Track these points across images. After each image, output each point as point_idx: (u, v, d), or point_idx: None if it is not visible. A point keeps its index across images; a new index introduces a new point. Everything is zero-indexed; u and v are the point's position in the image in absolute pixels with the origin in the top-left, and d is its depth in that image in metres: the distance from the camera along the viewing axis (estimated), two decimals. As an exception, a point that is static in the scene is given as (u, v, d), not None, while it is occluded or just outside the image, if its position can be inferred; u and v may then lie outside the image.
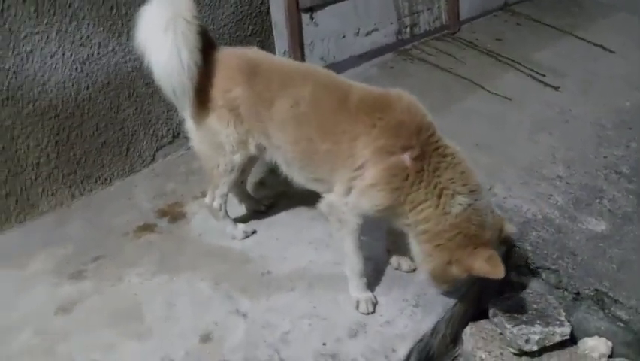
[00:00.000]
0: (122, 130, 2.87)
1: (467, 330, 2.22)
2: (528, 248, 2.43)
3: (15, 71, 2.41)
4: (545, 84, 3.90)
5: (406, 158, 1.88)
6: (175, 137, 3.07)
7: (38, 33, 2.43)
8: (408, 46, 4.31)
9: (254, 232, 2.48)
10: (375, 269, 2.25)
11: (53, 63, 2.51)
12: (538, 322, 2.13)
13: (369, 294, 2.10)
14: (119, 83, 2.77)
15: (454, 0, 4.70)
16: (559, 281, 2.32)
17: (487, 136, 3.21)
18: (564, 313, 2.19)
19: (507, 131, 3.31)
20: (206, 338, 1.96)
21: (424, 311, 2.08)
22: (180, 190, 2.81)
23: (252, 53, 2.25)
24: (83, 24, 2.56)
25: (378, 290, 2.16)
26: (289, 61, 2.25)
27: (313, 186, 2.18)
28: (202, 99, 2.13)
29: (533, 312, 2.19)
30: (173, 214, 2.65)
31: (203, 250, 2.40)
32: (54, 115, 2.59)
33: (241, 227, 2.46)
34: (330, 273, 2.23)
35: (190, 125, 2.25)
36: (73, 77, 2.60)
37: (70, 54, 2.55)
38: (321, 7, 3.55)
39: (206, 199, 2.37)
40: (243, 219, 2.56)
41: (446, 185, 1.88)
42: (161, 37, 1.96)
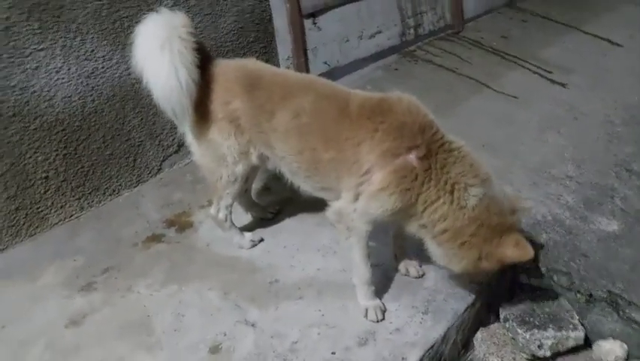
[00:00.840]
0: (128, 141, 2.88)
1: (478, 335, 2.20)
2: (539, 250, 2.40)
3: (22, 88, 2.44)
4: (553, 81, 3.87)
5: (412, 158, 1.87)
6: (180, 146, 3.08)
7: (43, 50, 2.45)
8: (412, 47, 4.30)
9: (261, 240, 2.48)
10: (383, 276, 2.24)
11: (59, 78, 2.54)
12: (551, 326, 2.11)
13: (378, 301, 2.09)
14: (123, 95, 2.79)
15: (457, -1, 4.67)
16: (571, 283, 2.29)
17: (494, 136, 3.18)
18: (577, 317, 2.17)
19: (514, 131, 3.28)
20: (215, 350, 1.96)
21: (433, 318, 2.06)
22: (187, 199, 2.83)
23: (251, 64, 2.25)
24: (87, 38, 2.58)
25: (387, 297, 2.15)
26: (288, 72, 2.26)
27: (320, 194, 2.18)
28: (202, 113, 2.15)
29: (546, 316, 2.16)
30: (181, 224, 2.67)
31: (212, 259, 2.41)
32: (61, 129, 2.61)
33: (248, 236, 2.46)
34: (338, 280, 2.22)
35: (191, 139, 2.26)
36: (79, 90, 2.62)
37: (76, 69, 2.58)
38: (323, 12, 3.56)
39: (212, 211, 2.38)
40: (249, 228, 2.56)
41: (457, 179, 1.86)
42: (158, 57, 1.97)
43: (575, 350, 2.12)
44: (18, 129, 2.47)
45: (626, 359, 2.14)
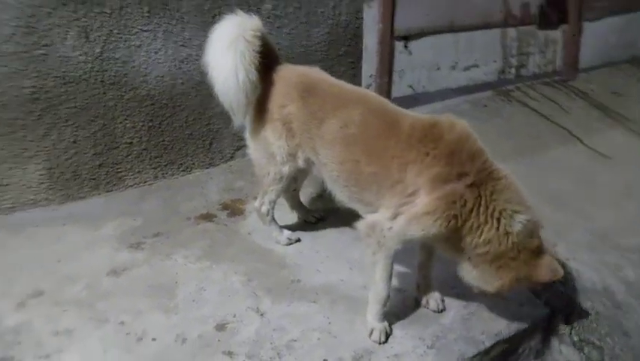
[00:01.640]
0: (208, 126, 3.14)
1: (482, 388, 2.09)
2: (576, 318, 2.23)
3: (124, 61, 2.78)
4: (655, 148, 3.54)
5: (461, 185, 1.88)
6: (253, 140, 3.28)
7: (147, 31, 2.78)
8: (510, 86, 4.16)
9: (297, 240, 2.58)
10: (401, 301, 2.23)
11: (157, 58, 2.85)
12: (564, 397, 1.96)
13: (385, 324, 2.08)
14: (210, 84, 3.04)
15: (573, 46, 4.44)
16: (601, 360, 2.11)
17: (565, 192, 3.00)
18: (595, 396, 2.00)
19: (591, 191, 3.06)
20: (221, 327, 2.09)
21: (437, 354, 2.01)
22: (246, 189, 3.01)
23: (313, 72, 2.36)
24: (187, 27, 2.87)
25: (397, 322, 2.13)
26: (345, 84, 2.32)
27: (354, 205, 2.22)
28: (260, 111, 2.31)
29: (561, 386, 2.02)
30: (234, 209, 2.85)
31: (248, 247, 2.56)
32: (150, 103, 2.92)
33: (286, 233, 2.57)
34: (355, 295, 2.25)
35: (248, 134, 2.43)
36: (172, 72, 2.92)
37: (172, 52, 2.88)
38: (417, 37, 3.59)
39: (256, 203, 2.52)
40: (292, 228, 2.67)
41: (504, 206, 1.89)
42: (224, 55, 2.16)
43: None
44: (114, 96, 2.82)
45: None
